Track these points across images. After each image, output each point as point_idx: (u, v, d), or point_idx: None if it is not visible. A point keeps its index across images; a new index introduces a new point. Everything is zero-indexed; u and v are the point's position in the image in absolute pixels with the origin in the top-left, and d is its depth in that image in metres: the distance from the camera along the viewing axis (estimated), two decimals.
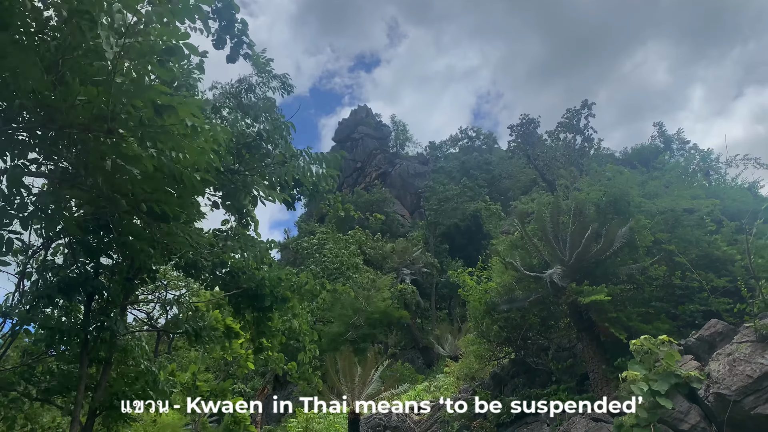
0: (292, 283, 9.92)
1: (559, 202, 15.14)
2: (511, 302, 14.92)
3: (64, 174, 5.75)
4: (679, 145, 54.34)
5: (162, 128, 4.67)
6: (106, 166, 4.92)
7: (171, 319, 10.75)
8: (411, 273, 47.13)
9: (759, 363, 8.79)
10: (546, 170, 57.42)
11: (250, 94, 10.81)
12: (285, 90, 10.54)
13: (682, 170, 22.73)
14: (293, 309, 10.53)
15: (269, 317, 10.11)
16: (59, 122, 4.76)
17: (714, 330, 10.86)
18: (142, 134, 4.69)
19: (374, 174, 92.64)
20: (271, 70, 10.10)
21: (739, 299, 11.68)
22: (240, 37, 7.18)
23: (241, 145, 7.20)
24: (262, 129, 7.43)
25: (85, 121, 4.73)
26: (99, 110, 4.57)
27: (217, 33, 6.98)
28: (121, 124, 4.67)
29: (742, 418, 8.67)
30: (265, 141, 7.42)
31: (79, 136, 4.98)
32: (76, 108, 4.60)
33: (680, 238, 13.90)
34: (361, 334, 37.48)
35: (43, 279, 8.20)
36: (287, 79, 10.66)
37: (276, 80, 10.30)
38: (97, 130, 4.72)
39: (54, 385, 9.12)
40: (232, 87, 11.98)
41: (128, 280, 9.09)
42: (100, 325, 8.44)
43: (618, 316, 12.47)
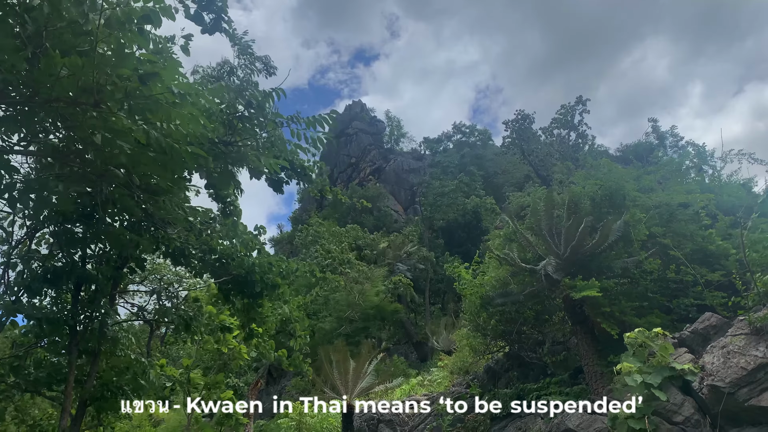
0: (282, 269, 9.81)
1: (553, 196, 15.11)
2: (506, 296, 14.89)
3: (54, 151, 5.62)
4: (672, 142, 54.55)
5: (150, 98, 4.57)
6: (96, 141, 4.80)
7: (160, 309, 10.63)
8: (406, 268, 47.10)
9: (753, 355, 8.80)
10: (540, 166, 57.48)
11: (232, 77, 10.61)
12: (268, 72, 10.32)
13: (676, 166, 22.74)
14: (284, 295, 10.42)
15: (260, 304, 10.01)
16: (44, 96, 4.64)
17: (708, 323, 10.87)
18: (130, 106, 4.58)
19: (368, 169, 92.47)
20: (253, 52, 9.85)
21: (733, 293, 11.70)
22: (219, 14, 7.21)
23: (232, 115, 7.03)
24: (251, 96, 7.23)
25: (71, 95, 4.62)
26: (84, 83, 4.46)
27: (196, 10, 6.98)
28: (107, 96, 4.56)
29: (736, 410, 8.68)
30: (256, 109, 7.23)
31: (66, 110, 4.86)
32: (61, 81, 4.49)
33: (675, 232, 13.91)
34: (355, 328, 37.43)
35: (28, 269, 8.09)
36: (270, 61, 10.45)
37: (259, 62, 10.07)
38: (83, 103, 4.60)
39: (43, 376, 9.00)
40: (214, 70, 11.79)
41: (117, 269, 8.97)
42: (89, 315, 8.33)
43: (611, 310, 12.46)
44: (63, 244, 7.99)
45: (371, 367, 19.70)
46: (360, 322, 37.65)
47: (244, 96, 6.86)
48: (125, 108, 4.63)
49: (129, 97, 4.56)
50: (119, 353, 9.67)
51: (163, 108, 4.73)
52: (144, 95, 4.58)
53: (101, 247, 8.62)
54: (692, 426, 9.15)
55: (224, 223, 9.18)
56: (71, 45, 4.55)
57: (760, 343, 8.96)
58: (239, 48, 8.89)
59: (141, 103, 4.59)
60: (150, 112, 4.71)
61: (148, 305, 12.46)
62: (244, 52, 9.22)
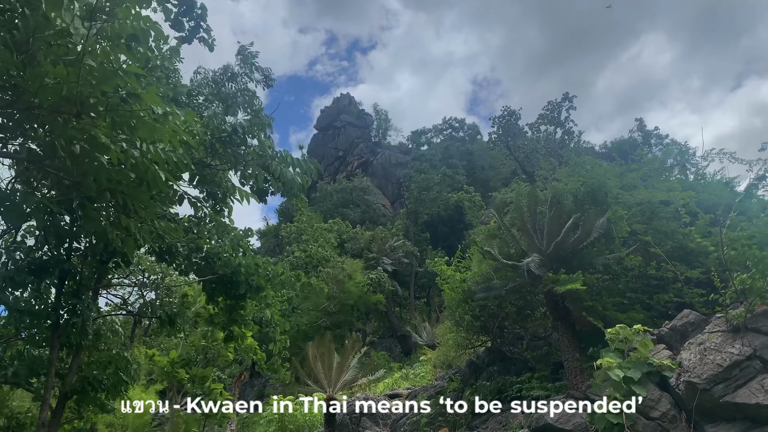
0: (268, 272, 9.82)
1: (536, 192, 15.19)
2: (488, 290, 14.96)
3: (31, 155, 5.59)
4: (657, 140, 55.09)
5: (133, 114, 4.57)
6: (75, 151, 4.79)
7: (144, 304, 10.58)
8: (391, 262, 47.11)
9: (729, 352, 8.93)
10: (526, 162, 57.73)
11: (231, 83, 10.65)
12: (266, 84, 10.40)
13: (660, 164, 22.97)
14: (267, 298, 10.41)
15: (242, 305, 10.01)
16: (27, 102, 4.61)
17: (686, 320, 11.01)
18: (113, 119, 4.57)
19: (356, 163, 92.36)
20: (255, 62, 10.02)
21: (711, 290, 11.84)
22: (198, 21, 7.47)
23: (215, 138, 7.15)
24: (238, 124, 7.43)
25: (54, 103, 4.58)
26: (68, 92, 4.43)
27: (176, 15, 7.23)
28: (90, 108, 4.55)
29: (711, 406, 8.81)
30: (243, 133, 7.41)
31: (47, 118, 4.84)
32: (45, 88, 4.45)
33: (656, 230, 14.05)
34: (337, 321, 37.37)
35: (12, 260, 7.98)
36: (270, 73, 10.53)
37: (258, 72, 10.15)
38: (65, 113, 4.59)
39: (23, 369, 8.90)
40: (215, 74, 11.84)
41: (102, 264, 8.89)
42: (72, 308, 8.24)
43: (594, 305, 12.58)
44: (51, 236, 7.90)
45: (354, 360, 19.74)
46: (340, 314, 37.59)
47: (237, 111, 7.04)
48: (107, 121, 4.62)
49: (111, 111, 4.55)
50: (102, 347, 9.60)
51: (146, 125, 4.72)
52: (127, 110, 4.58)
53: (88, 242, 8.54)
54: (668, 421, 9.27)
55: (215, 220, 9.15)
56: (59, 54, 4.54)
57: (737, 341, 9.10)
58: (242, 57, 9.09)
59: (124, 118, 4.59)
60: (132, 127, 4.72)
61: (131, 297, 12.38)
62: (247, 61, 9.41)
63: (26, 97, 4.62)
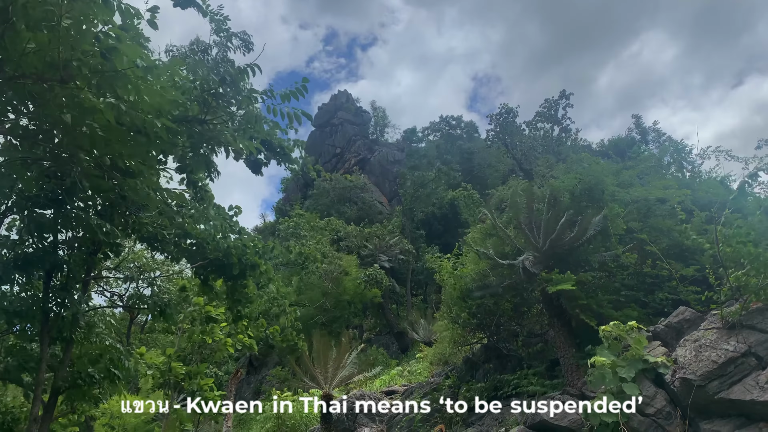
0: (258, 248, 9.68)
1: (533, 189, 15.21)
2: (484, 288, 14.98)
3: (24, 131, 5.50)
4: (654, 137, 55.14)
5: (117, 73, 4.47)
6: (66, 120, 4.69)
7: (134, 294, 10.46)
8: (388, 259, 47.07)
9: (724, 349, 8.95)
10: (524, 160, 57.78)
11: (206, 56, 10.16)
12: (246, 48, 9.92)
13: (656, 161, 23.02)
14: (268, 273, 10.25)
15: (244, 284, 9.90)
16: (9, 72, 4.52)
17: (682, 317, 11.03)
18: (98, 81, 4.48)
19: (353, 160, 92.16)
20: (229, 29, 9.39)
21: (707, 288, 11.87)
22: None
23: (205, 92, 6.81)
24: (225, 72, 7.00)
25: (38, 70, 4.50)
26: (51, 58, 4.35)
27: None
28: (74, 71, 4.45)
29: (706, 403, 8.83)
30: (230, 85, 7.00)
31: (33, 88, 4.74)
32: (28, 56, 4.38)
33: (652, 228, 14.08)
34: (333, 317, 37.30)
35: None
36: (247, 37, 9.94)
37: (236, 38, 9.61)
38: (50, 80, 4.50)
39: (14, 364, 8.85)
40: (187, 49, 11.26)
41: (90, 255, 8.79)
42: (61, 302, 8.18)
43: (589, 302, 12.59)
44: (33, 229, 7.82)
45: (351, 357, 19.73)
46: (336, 310, 37.53)
47: (219, 73, 6.68)
48: (93, 84, 4.52)
49: (95, 73, 4.46)
50: (94, 340, 9.52)
51: (132, 83, 4.62)
52: (111, 70, 4.47)
53: (74, 233, 8.45)
54: (663, 418, 9.29)
55: (197, 208, 9.04)
56: (38, 19, 4.42)
57: (731, 338, 9.12)
58: (215, 25, 8.48)
59: (108, 79, 4.48)
60: (118, 87, 4.60)
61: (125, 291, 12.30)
62: (220, 29, 8.79)
63: (9, 66, 4.52)
